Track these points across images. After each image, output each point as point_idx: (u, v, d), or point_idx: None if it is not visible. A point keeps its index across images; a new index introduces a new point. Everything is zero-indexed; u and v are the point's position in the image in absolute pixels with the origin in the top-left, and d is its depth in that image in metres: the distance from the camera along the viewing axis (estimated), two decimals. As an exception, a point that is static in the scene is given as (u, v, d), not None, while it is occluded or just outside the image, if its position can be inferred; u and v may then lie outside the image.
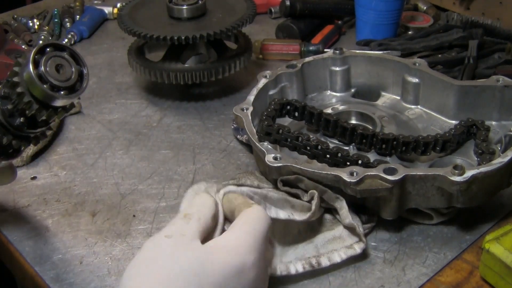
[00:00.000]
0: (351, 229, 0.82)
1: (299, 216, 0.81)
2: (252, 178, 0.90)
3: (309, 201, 0.83)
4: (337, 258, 0.81)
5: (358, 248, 0.82)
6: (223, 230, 0.73)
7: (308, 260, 0.81)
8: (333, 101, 1.10)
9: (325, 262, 0.81)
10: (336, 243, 0.83)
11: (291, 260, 0.80)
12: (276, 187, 0.87)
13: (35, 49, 0.65)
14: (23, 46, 1.39)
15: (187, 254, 0.63)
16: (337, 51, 1.09)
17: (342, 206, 0.82)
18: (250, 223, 0.69)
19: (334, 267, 0.81)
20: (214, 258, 0.64)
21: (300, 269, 0.80)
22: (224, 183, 0.90)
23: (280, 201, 0.81)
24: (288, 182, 0.86)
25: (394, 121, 1.00)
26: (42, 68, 0.65)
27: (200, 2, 1.17)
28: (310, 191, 0.83)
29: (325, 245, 0.82)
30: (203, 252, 0.64)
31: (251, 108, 0.95)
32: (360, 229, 0.81)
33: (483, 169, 0.79)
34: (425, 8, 1.53)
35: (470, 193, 0.80)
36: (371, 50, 1.25)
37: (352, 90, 1.11)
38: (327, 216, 0.86)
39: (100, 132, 1.13)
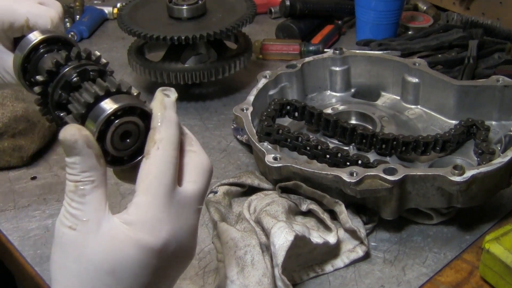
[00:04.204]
0: (352, 233, 0.82)
1: (332, 238, 0.80)
2: (252, 177, 0.90)
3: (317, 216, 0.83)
4: (341, 263, 0.81)
5: (360, 251, 0.82)
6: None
7: (312, 268, 0.81)
8: (333, 101, 1.10)
9: (328, 269, 0.81)
10: (338, 247, 0.82)
11: (295, 269, 0.80)
12: (275, 187, 0.87)
13: (101, 121, 0.54)
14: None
15: (95, 248, 0.53)
16: (337, 51, 1.09)
17: (342, 211, 0.82)
18: (152, 184, 0.55)
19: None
20: (126, 246, 0.53)
21: (305, 278, 0.80)
22: (224, 181, 0.90)
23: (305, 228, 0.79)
24: (287, 189, 0.86)
25: (394, 121, 1.00)
26: (107, 145, 0.56)
27: (200, 2, 1.17)
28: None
29: (328, 250, 0.82)
30: (111, 241, 0.53)
31: (251, 108, 0.95)
32: (361, 232, 0.81)
33: (483, 169, 0.79)
34: (425, 8, 1.53)
35: (470, 193, 0.80)
36: (371, 50, 1.25)
37: (352, 90, 1.11)
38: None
39: (100, 132, 1.13)
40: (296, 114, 0.98)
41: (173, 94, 0.60)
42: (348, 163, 0.86)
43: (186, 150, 0.59)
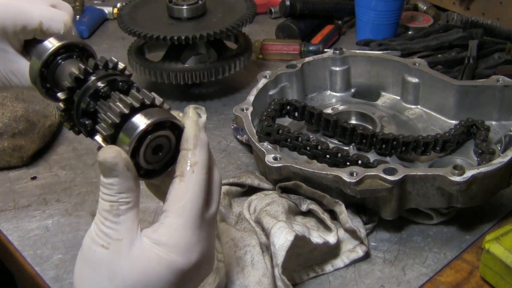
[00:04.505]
0: (352, 233, 0.82)
1: (332, 238, 0.80)
2: (252, 177, 0.90)
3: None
4: (341, 263, 0.81)
5: (360, 251, 0.82)
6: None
7: (312, 268, 0.81)
8: (333, 101, 1.10)
9: (328, 268, 0.81)
10: (338, 247, 0.82)
11: (295, 269, 0.80)
12: (275, 186, 0.87)
13: (135, 137, 0.55)
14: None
15: (128, 268, 0.54)
16: (337, 51, 1.09)
17: (342, 211, 0.82)
18: (186, 207, 0.56)
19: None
20: (158, 267, 0.55)
21: (305, 278, 0.80)
22: (224, 181, 0.90)
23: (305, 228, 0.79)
24: (287, 189, 0.86)
25: (394, 121, 1.00)
26: (140, 160, 0.57)
27: (200, 2, 1.17)
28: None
29: (328, 250, 0.82)
30: (144, 261, 0.55)
31: (251, 108, 0.95)
32: (361, 232, 0.81)
33: (483, 169, 0.79)
34: (425, 8, 1.53)
35: (470, 193, 0.80)
36: (371, 50, 1.25)
37: (352, 90, 1.11)
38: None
39: (100, 132, 1.13)
40: (296, 114, 0.98)
41: (203, 113, 0.61)
42: (348, 163, 0.86)
43: None
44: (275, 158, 0.84)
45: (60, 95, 0.62)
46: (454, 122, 1.00)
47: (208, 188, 0.58)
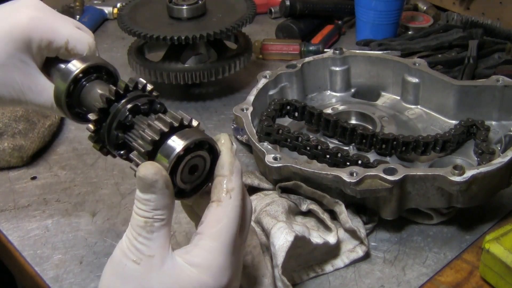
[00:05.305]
0: (352, 233, 0.82)
1: (332, 238, 0.80)
2: (252, 177, 0.90)
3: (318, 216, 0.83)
4: (341, 263, 0.81)
5: (360, 251, 0.82)
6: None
7: (312, 268, 0.81)
8: (333, 101, 1.10)
9: (328, 268, 0.81)
10: (338, 247, 0.82)
11: (295, 269, 0.80)
12: (275, 187, 0.87)
13: (176, 155, 0.57)
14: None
15: (158, 285, 0.56)
16: (337, 51, 1.09)
17: (342, 211, 0.82)
18: (222, 231, 0.58)
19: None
20: (188, 286, 0.56)
21: (305, 278, 0.80)
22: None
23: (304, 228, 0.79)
24: (286, 189, 0.86)
25: (394, 121, 1.00)
26: (177, 179, 0.58)
27: (200, 2, 1.17)
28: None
29: (328, 250, 0.82)
30: (175, 279, 0.56)
31: (251, 108, 0.95)
32: (361, 232, 0.81)
33: (483, 169, 0.79)
34: (425, 8, 1.53)
35: (470, 193, 0.80)
36: (371, 50, 1.25)
37: (352, 90, 1.11)
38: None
39: (100, 132, 1.13)
40: (296, 114, 0.98)
41: (233, 142, 0.63)
42: (348, 163, 0.86)
43: None
44: (275, 158, 0.84)
45: (96, 105, 0.64)
46: (454, 122, 1.00)
47: (242, 215, 0.60)
